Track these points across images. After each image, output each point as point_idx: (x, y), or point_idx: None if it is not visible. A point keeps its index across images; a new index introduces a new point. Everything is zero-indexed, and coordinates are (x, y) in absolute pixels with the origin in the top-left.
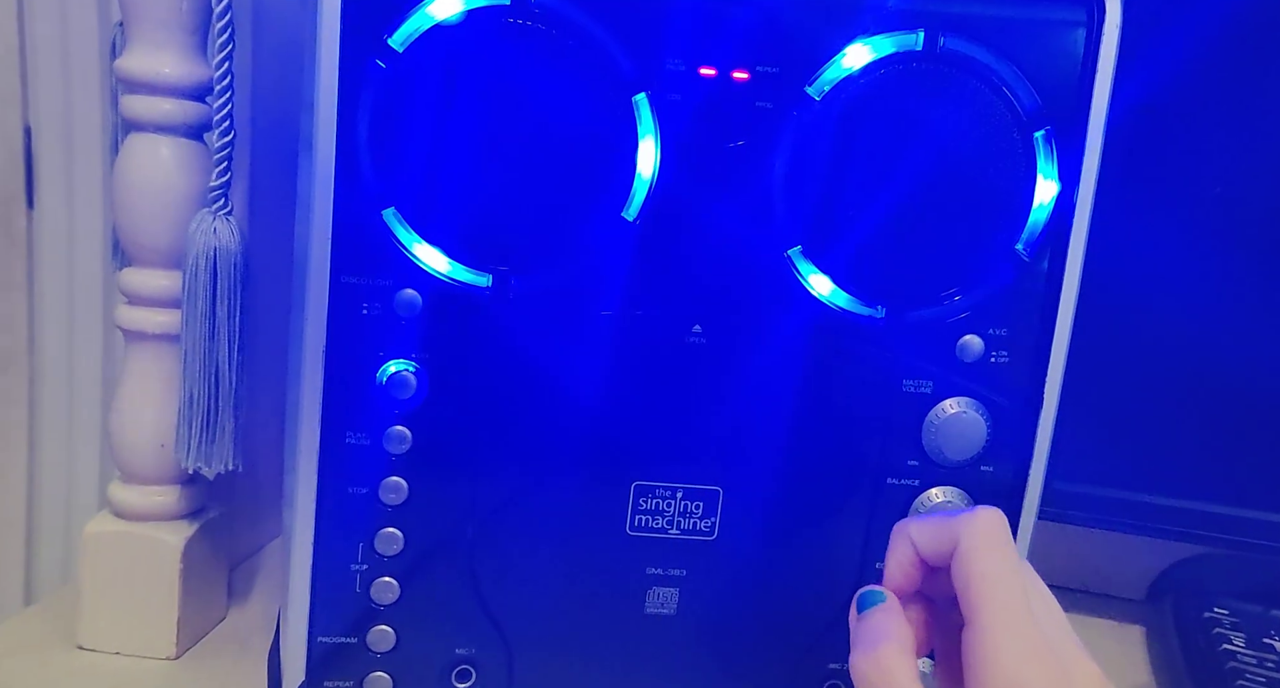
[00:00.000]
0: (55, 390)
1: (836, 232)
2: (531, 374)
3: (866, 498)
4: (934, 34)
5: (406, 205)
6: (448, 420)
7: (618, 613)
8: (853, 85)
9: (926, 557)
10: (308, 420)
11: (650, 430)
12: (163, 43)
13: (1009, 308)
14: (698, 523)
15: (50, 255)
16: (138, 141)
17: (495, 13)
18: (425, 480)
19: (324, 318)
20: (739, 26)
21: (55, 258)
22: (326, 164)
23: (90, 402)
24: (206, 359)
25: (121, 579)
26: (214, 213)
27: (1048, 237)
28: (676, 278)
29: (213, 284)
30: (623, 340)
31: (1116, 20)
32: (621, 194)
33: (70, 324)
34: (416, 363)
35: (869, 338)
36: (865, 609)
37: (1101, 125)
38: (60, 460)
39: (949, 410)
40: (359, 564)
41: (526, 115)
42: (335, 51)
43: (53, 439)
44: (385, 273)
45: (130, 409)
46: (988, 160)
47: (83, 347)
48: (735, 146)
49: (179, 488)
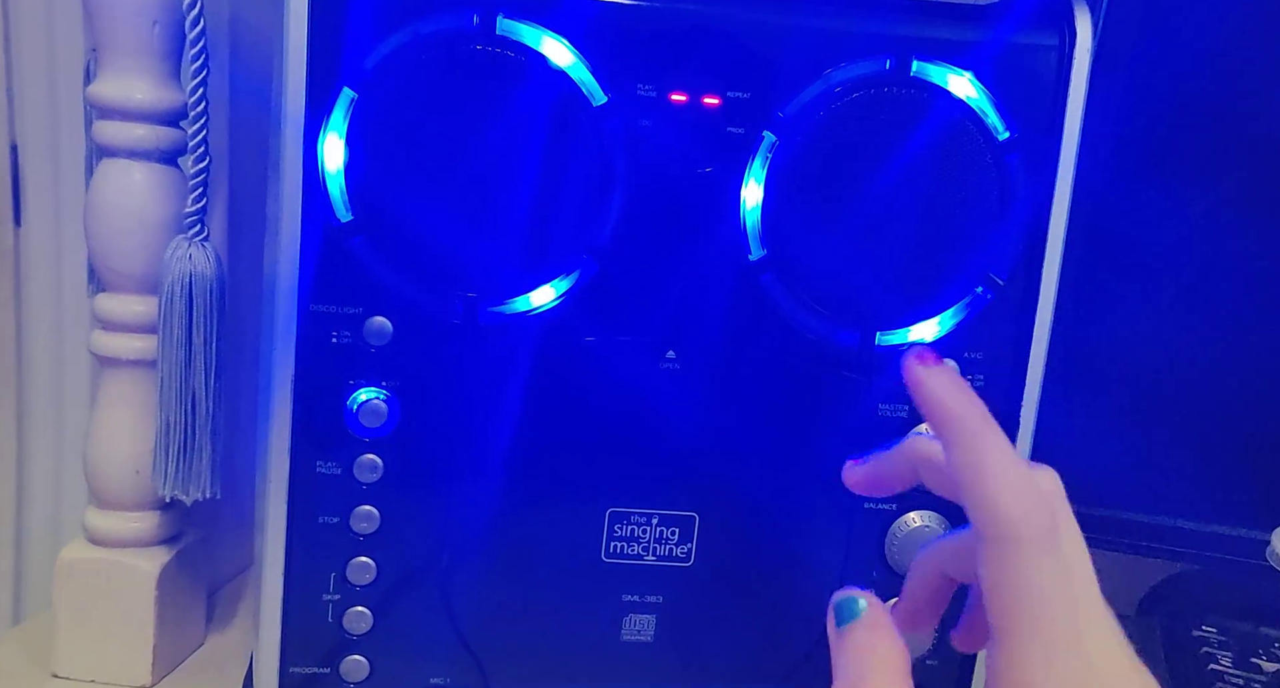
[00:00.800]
0: (43, 408)
1: (809, 257)
2: (503, 401)
3: (843, 523)
4: (905, 59)
5: (375, 232)
6: (419, 449)
7: (594, 640)
8: (824, 110)
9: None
10: (277, 449)
11: (624, 456)
12: (135, 68)
13: (984, 331)
14: (674, 549)
15: (38, 273)
16: (111, 167)
17: (463, 39)
18: (397, 509)
19: (293, 346)
20: (710, 52)
21: (43, 276)
22: (294, 191)
23: (79, 419)
24: (183, 386)
25: (97, 607)
26: (190, 239)
27: (1022, 260)
28: (649, 304)
29: (189, 311)
30: (595, 366)
31: (1088, 43)
32: (593, 219)
33: (59, 342)
34: (387, 391)
35: (843, 363)
36: (844, 623)
37: (1074, 148)
38: (49, 478)
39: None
40: (331, 594)
41: (495, 141)
42: (302, 77)
43: (41, 456)
44: (355, 301)
45: (105, 435)
46: (960, 184)
47: (71, 364)
48: (705, 172)
49: (155, 514)
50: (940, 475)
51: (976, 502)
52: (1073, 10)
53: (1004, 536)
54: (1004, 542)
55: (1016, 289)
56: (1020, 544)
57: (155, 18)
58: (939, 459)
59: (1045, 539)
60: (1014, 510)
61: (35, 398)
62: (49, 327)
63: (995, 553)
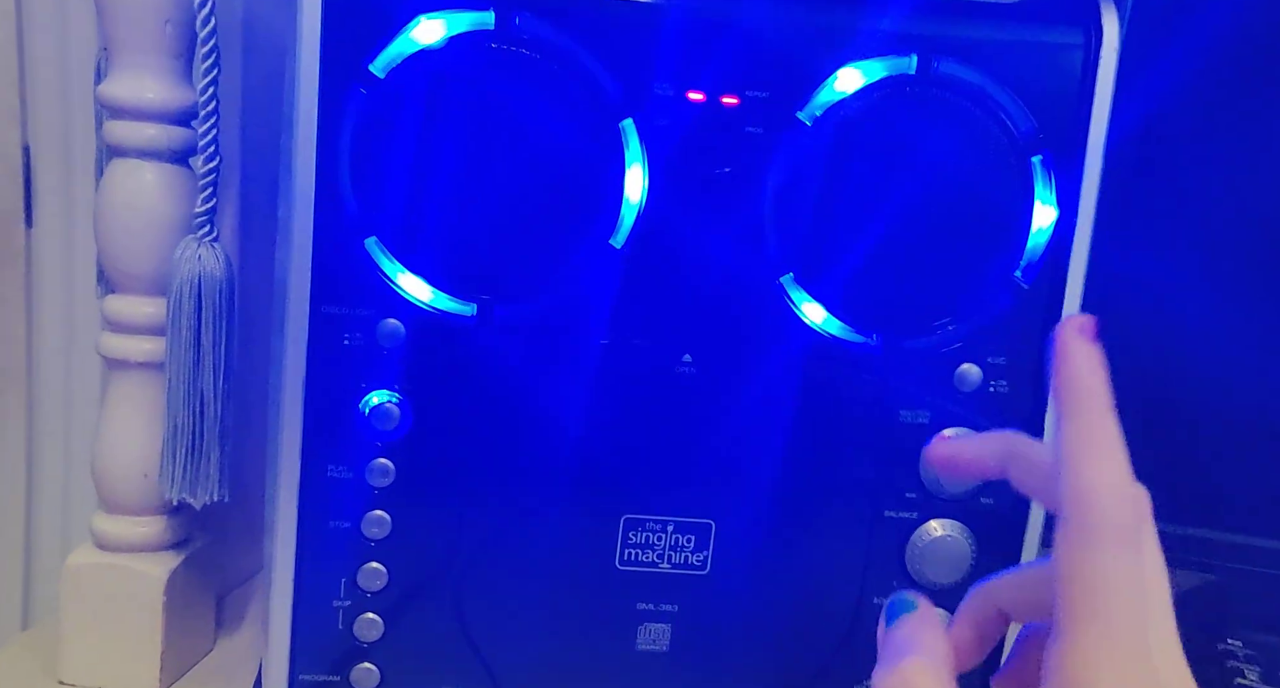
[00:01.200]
0: (53, 409)
1: (829, 258)
2: (517, 405)
3: (863, 531)
4: (928, 57)
5: (389, 233)
6: (432, 453)
7: (608, 650)
8: (845, 110)
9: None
10: (288, 452)
11: (640, 462)
12: (146, 68)
13: (1007, 336)
14: (690, 557)
15: (49, 274)
16: (121, 167)
17: (479, 37)
18: (409, 514)
19: (304, 348)
20: (728, 50)
21: (54, 276)
22: (306, 192)
23: (88, 422)
24: (191, 388)
25: (104, 612)
26: (199, 239)
27: (1046, 263)
28: (666, 306)
29: (197, 312)
30: (611, 370)
31: (1115, 42)
32: (609, 221)
33: (69, 342)
34: (399, 394)
35: (864, 367)
36: (894, 619)
37: (1100, 149)
38: (58, 481)
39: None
40: (342, 600)
41: (511, 141)
42: (315, 77)
43: (50, 459)
44: (367, 302)
45: (113, 438)
46: (984, 186)
47: (81, 365)
48: (724, 172)
49: (163, 518)
50: (1030, 471)
51: (1075, 482)
52: (1099, 8)
53: (1092, 522)
54: (1090, 529)
55: (1041, 293)
56: (1105, 533)
57: (168, 16)
58: (1033, 457)
59: (1129, 535)
60: (1109, 498)
61: (45, 400)
62: (59, 328)
63: (1079, 538)
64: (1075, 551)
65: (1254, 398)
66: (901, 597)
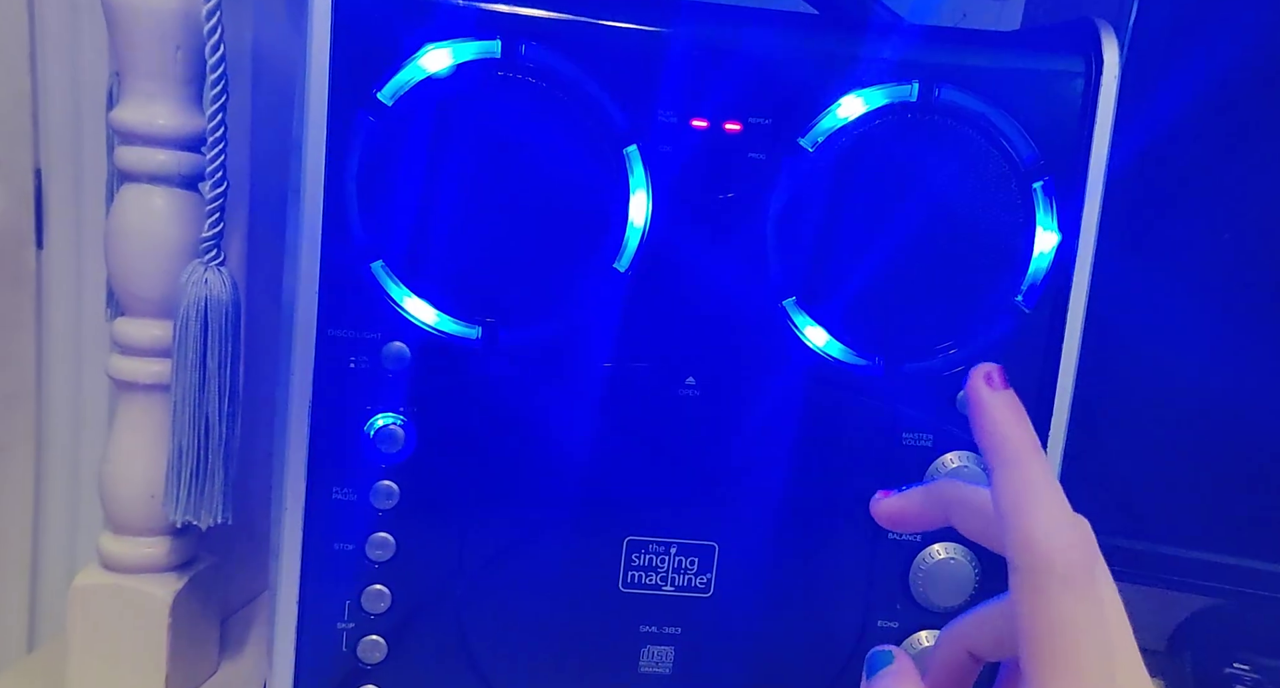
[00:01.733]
0: (61, 430)
1: (832, 283)
2: (521, 427)
3: (867, 553)
4: (930, 85)
5: (395, 258)
6: (436, 475)
7: (611, 673)
8: (847, 136)
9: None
10: (294, 474)
11: (643, 484)
12: (157, 94)
13: (1009, 360)
14: (693, 579)
15: (58, 296)
16: (131, 192)
17: (486, 66)
18: (413, 536)
19: (310, 371)
20: (731, 78)
21: (63, 298)
22: (314, 216)
23: (96, 444)
24: (196, 410)
25: (109, 633)
26: (205, 263)
27: (1048, 287)
28: (669, 330)
29: (203, 335)
30: (615, 393)
31: (1115, 70)
32: (613, 245)
33: (78, 364)
34: (404, 416)
35: (866, 390)
36: (874, 673)
37: (1101, 175)
38: (65, 500)
39: (950, 464)
40: (345, 622)
41: (517, 167)
42: (324, 104)
43: (58, 479)
44: (373, 326)
45: (121, 460)
46: (986, 211)
47: (90, 387)
48: (727, 197)
49: (169, 539)
50: (972, 519)
51: (1017, 530)
52: (1099, 36)
53: (1041, 567)
54: (1040, 573)
55: (1043, 317)
56: (1057, 577)
57: (178, 43)
58: (973, 502)
59: (1082, 575)
60: (1055, 542)
61: (53, 421)
62: (69, 350)
63: (1031, 584)
64: (1031, 599)
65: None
66: (879, 652)
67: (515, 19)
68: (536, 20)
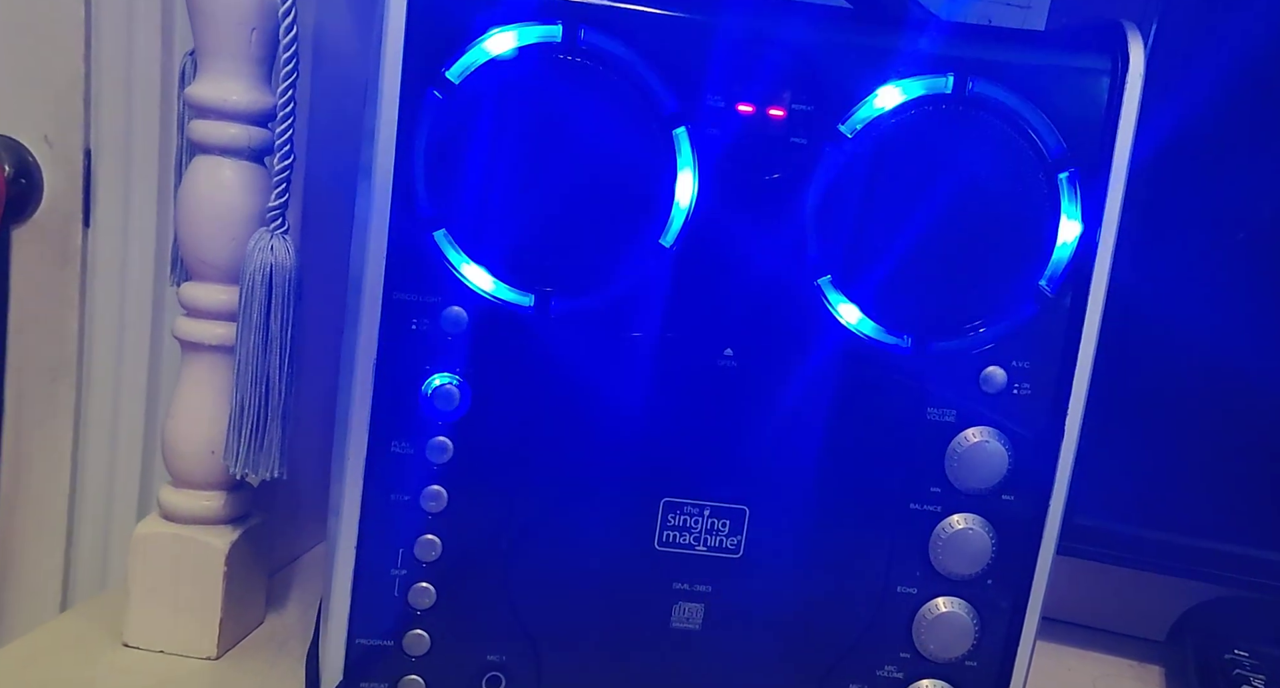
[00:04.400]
0: (101, 403)
1: (866, 263)
2: (568, 391)
3: (889, 522)
4: (963, 78)
5: (457, 227)
6: (487, 433)
7: (644, 627)
8: (884, 124)
9: None
10: (356, 428)
11: (681, 449)
12: (231, 72)
13: (1032, 342)
14: (724, 540)
15: (104, 273)
16: (203, 163)
17: (546, 49)
18: (464, 490)
19: (376, 332)
20: (777, 66)
21: (108, 275)
22: (384, 188)
23: (134, 415)
24: (258, 370)
25: (168, 580)
26: (271, 231)
27: (1071, 274)
28: (710, 303)
29: (267, 299)
30: (656, 361)
31: (1140, 69)
32: (660, 222)
33: (120, 339)
34: (460, 377)
35: (895, 366)
36: None
37: (1125, 169)
38: (102, 470)
39: (971, 439)
40: (398, 569)
41: (572, 146)
42: (397, 83)
43: (96, 449)
44: (434, 290)
45: (184, 416)
46: (1013, 199)
47: (130, 361)
48: (770, 179)
49: (226, 494)
50: None
51: None
52: (1125, 36)
53: None
54: None
55: (1065, 301)
56: None
57: (254, 25)
58: None
59: None
60: None
61: (94, 391)
62: (111, 326)
63: None
64: None
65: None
66: None
67: (576, 6)
68: (595, 7)
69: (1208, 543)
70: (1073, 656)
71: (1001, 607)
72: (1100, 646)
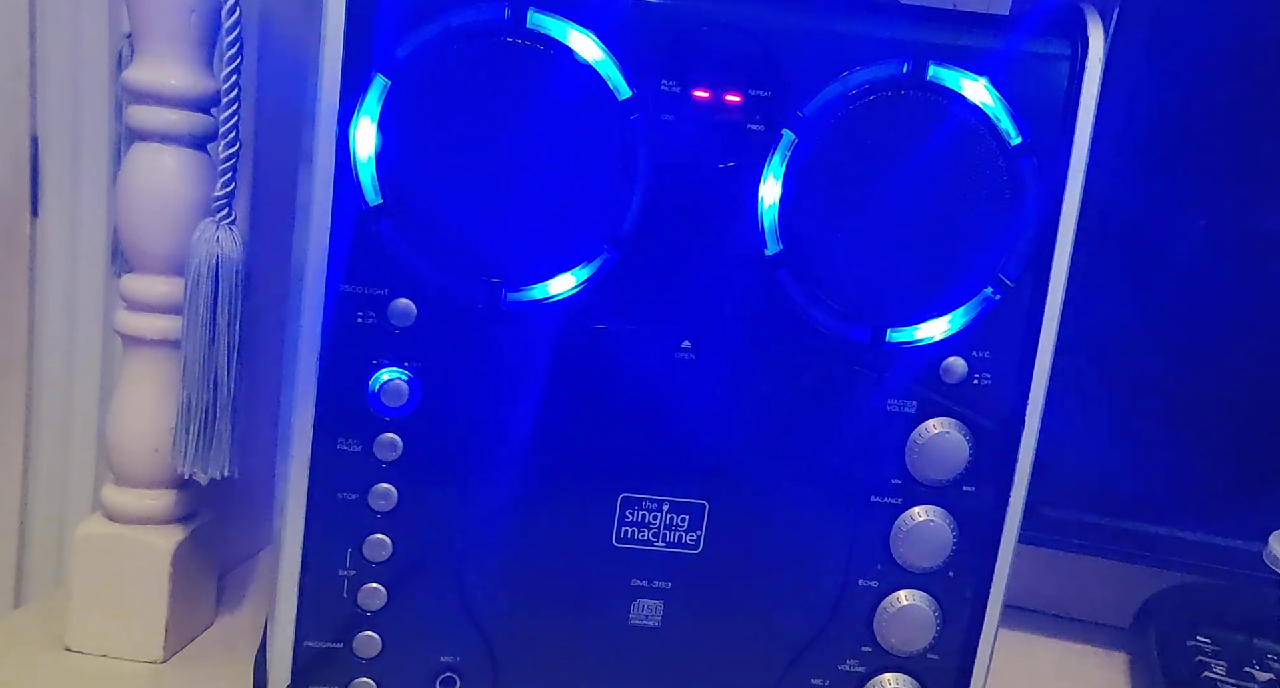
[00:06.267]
0: (52, 398)
1: (824, 253)
2: (521, 385)
3: (850, 515)
4: (922, 63)
5: (403, 217)
6: (438, 429)
7: (603, 624)
8: (842, 111)
9: None
10: (300, 425)
11: (638, 443)
12: (170, 55)
13: (992, 331)
14: (683, 536)
15: (52, 264)
16: (142, 151)
17: (494, 31)
18: (414, 488)
19: (319, 324)
20: (733, 51)
21: (57, 266)
22: (326, 175)
23: (87, 409)
24: (206, 365)
25: (111, 582)
26: (217, 222)
27: (1030, 262)
28: (667, 294)
29: (214, 292)
30: (612, 354)
31: (1100, 53)
32: (615, 211)
33: (70, 332)
34: (409, 372)
35: (854, 358)
36: None
37: (1085, 154)
38: (55, 466)
39: (932, 430)
40: (347, 569)
41: (523, 132)
42: (338, 66)
43: (48, 445)
44: (381, 282)
45: (126, 413)
46: (973, 187)
47: (82, 354)
48: (726, 167)
49: (172, 492)
50: None
51: None
52: (1085, 21)
53: None
54: None
55: (1025, 291)
56: None
57: (193, 7)
58: None
59: None
60: None
61: (45, 386)
62: (61, 317)
63: None
64: None
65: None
66: None
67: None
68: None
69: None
70: (1037, 643)
71: (963, 599)
72: (1064, 633)
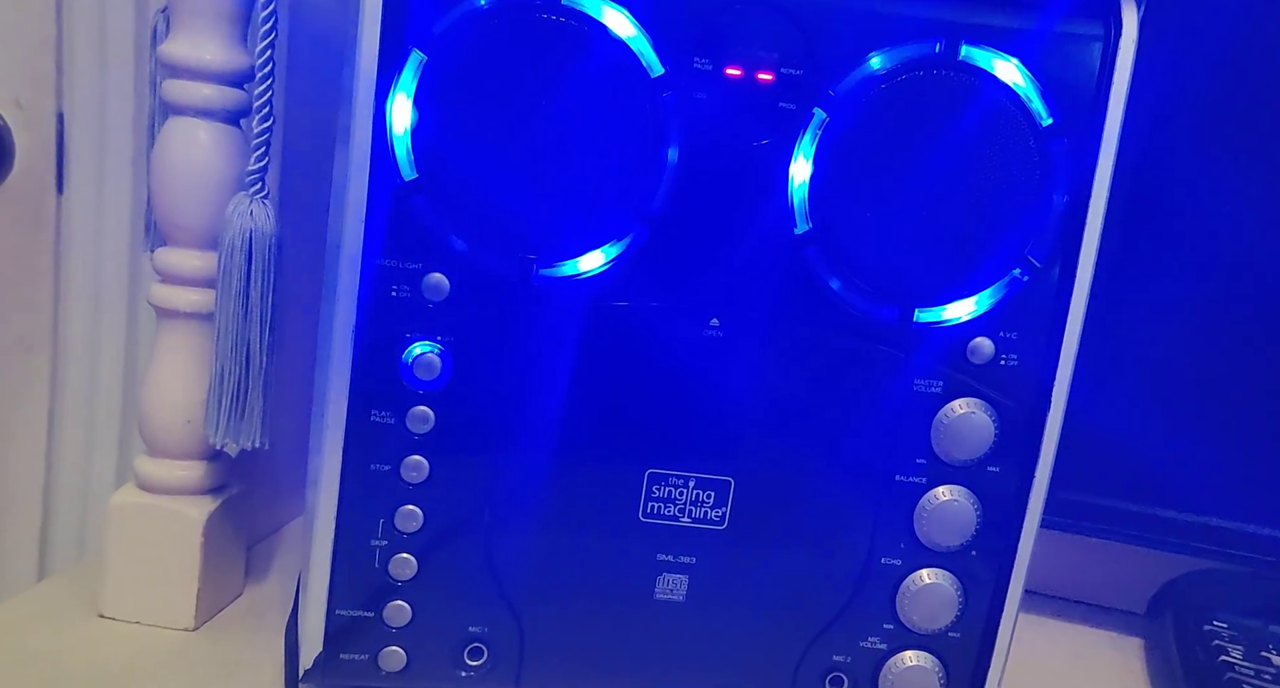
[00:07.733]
0: (77, 373)
1: (853, 232)
2: (552, 360)
3: (874, 494)
4: (954, 43)
5: (438, 192)
6: (469, 403)
7: (628, 598)
8: (874, 90)
9: None
10: (335, 397)
11: (665, 419)
12: (206, 30)
13: (1020, 313)
14: (708, 512)
15: (78, 240)
16: (177, 125)
17: (529, 8)
18: (445, 460)
19: (354, 298)
20: (766, 30)
21: (83, 242)
22: (363, 150)
23: (111, 384)
24: (239, 338)
25: (144, 550)
26: (251, 196)
27: (1059, 244)
28: (696, 271)
29: (247, 265)
30: (641, 330)
31: (1133, 34)
32: (646, 188)
33: (95, 307)
34: (441, 345)
35: (881, 337)
36: None
37: (1116, 135)
38: (79, 441)
39: (958, 411)
40: (379, 540)
41: (556, 109)
42: (376, 43)
43: (73, 420)
44: (415, 256)
45: (159, 385)
46: (1003, 167)
47: (107, 329)
48: (759, 145)
49: (203, 463)
50: None
51: None
52: (1119, 1)
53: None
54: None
55: (1053, 272)
56: None
57: None
58: None
59: None
60: None
61: (70, 361)
62: (86, 294)
63: None
64: None
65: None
66: None
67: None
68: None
69: (1187, 516)
70: (1053, 628)
71: (986, 578)
72: (1080, 618)
